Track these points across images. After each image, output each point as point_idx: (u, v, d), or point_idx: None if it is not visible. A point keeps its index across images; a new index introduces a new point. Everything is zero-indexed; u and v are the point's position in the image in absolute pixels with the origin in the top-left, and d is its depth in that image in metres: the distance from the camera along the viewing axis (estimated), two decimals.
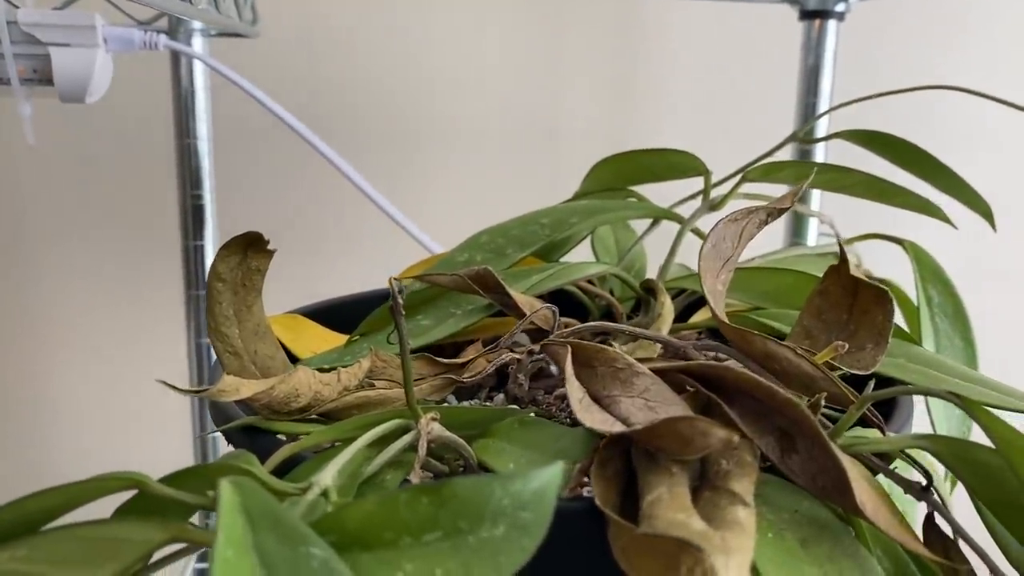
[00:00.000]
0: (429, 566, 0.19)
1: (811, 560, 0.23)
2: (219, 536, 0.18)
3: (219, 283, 0.30)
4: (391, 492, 0.20)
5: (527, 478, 0.20)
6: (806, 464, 0.24)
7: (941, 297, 0.46)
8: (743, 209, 0.32)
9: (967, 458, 0.26)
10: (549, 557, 0.26)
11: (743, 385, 0.25)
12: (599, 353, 0.28)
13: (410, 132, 0.76)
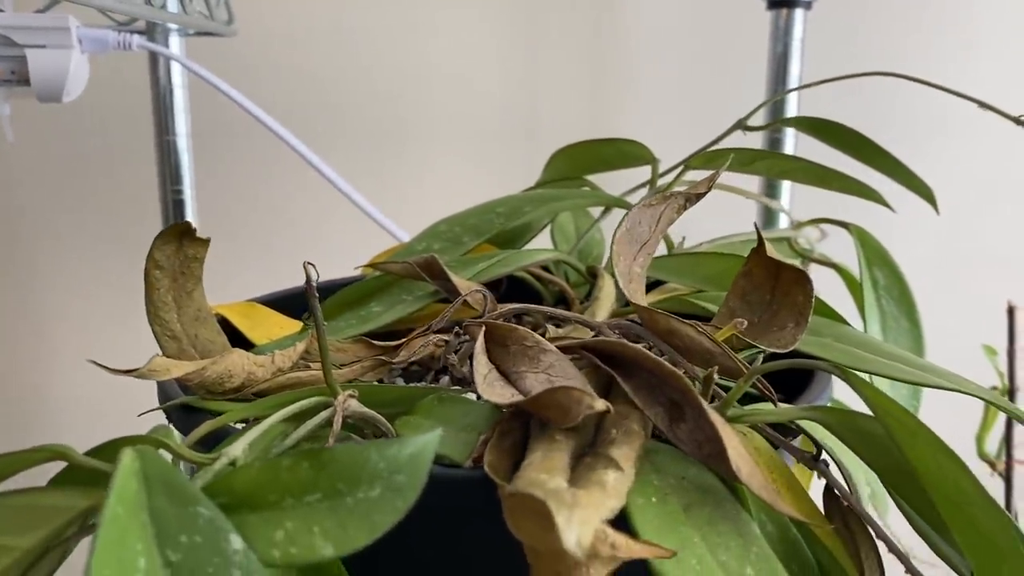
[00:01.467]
0: (308, 524, 0.21)
1: (691, 524, 0.24)
2: (110, 496, 0.20)
3: (157, 271, 0.31)
4: (275, 458, 0.21)
5: (403, 444, 0.21)
6: (692, 433, 0.26)
7: (887, 279, 0.47)
8: (659, 195, 0.33)
9: (854, 428, 0.27)
10: (450, 523, 0.27)
11: (636, 360, 0.27)
12: (512, 332, 0.29)
13: (390, 128, 0.78)
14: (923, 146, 0.81)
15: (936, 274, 0.84)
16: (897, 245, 0.48)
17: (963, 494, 0.25)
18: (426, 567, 0.28)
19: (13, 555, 0.25)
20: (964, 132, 0.80)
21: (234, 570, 0.19)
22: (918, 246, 0.83)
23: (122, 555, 0.19)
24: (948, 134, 0.80)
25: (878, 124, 0.79)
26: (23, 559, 0.25)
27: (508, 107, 0.78)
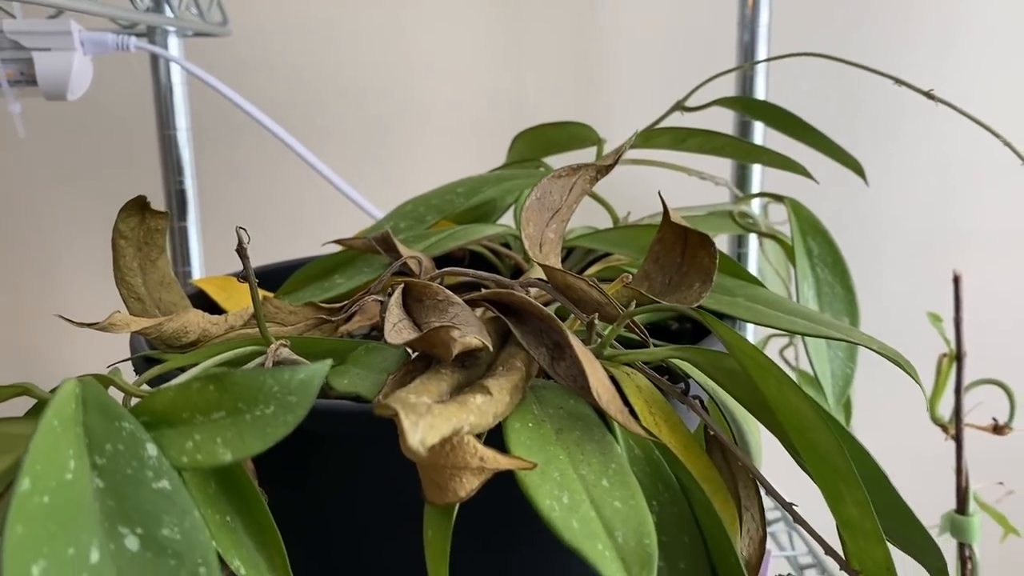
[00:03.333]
0: (213, 436, 0.25)
1: (560, 444, 0.28)
2: (48, 411, 0.24)
3: (122, 240, 0.36)
4: (188, 381, 0.25)
5: (295, 371, 0.25)
6: (569, 369, 0.29)
7: (821, 248, 0.50)
8: (570, 167, 0.37)
9: (719, 366, 0.31)
10: (360, 450, 0.31)
11: (524, 308, 0.31)
12: (426, 288, 0.33)
13: (380, 121, 0.82)
14: (898, 129, 0.84)
15: (915, 252, 0.86)
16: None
17: (805, 420, 0.28)
18: (346, 492, 0.32)
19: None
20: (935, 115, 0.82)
21: (148, 471, 0.24)
22: (901, 226, 0.86)
23: (54, 457, 0.23)
24: (923, 116, 0.83)
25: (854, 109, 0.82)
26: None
27: (496, 102, 0.82)
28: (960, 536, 0.57)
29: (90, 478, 0.23)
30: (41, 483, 0.22)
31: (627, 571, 0.25)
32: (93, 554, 0.22)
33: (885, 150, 0.84)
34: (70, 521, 0.22)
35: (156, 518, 0.23)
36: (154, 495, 0.23)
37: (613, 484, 0.27)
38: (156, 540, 0.22)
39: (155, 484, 0.23)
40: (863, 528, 0.28)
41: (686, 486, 0.29)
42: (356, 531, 0.32)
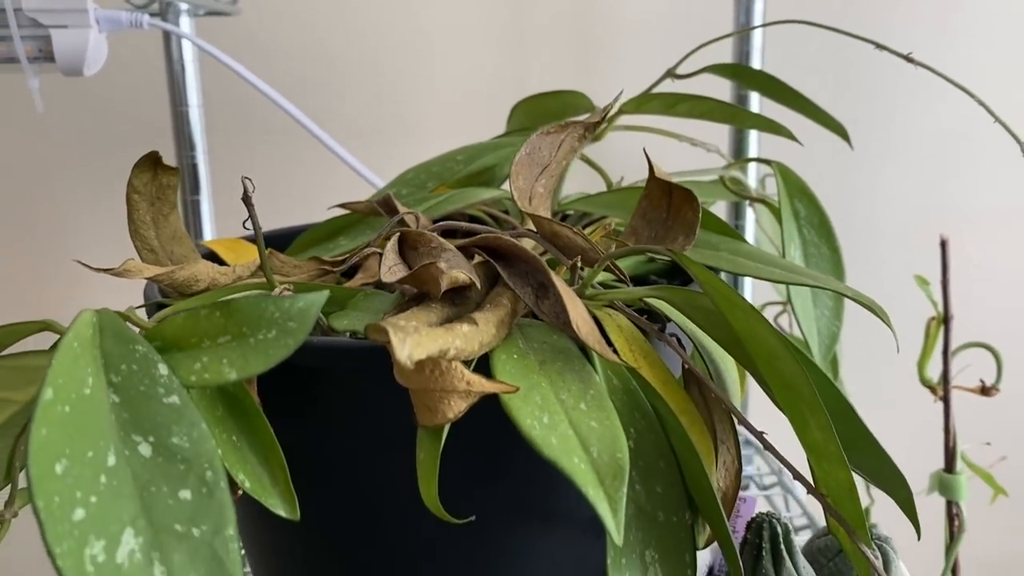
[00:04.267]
0: (219, 357, 0.27)
1: (542, 373, 0.30)
2: (68, 334, 0.26)
3: (136, 195, 0.38)
4: (195, 309, 0.27)
5: (295, 299, 0.27)
6: (553, 306, 0.31)
7: (807, 210, 0.51)
8: (558, 123, 0.39)
9: (694, 305, 0.33)
10: (358, 384, 0.33)
11: (511, 251, 0.33)
12: (420, 237, 0.35)
13: (384, 95, 0.84)
14: (895, 104, 0.85)
15: (908, 222, 0.88)
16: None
17: (772, 351, 0.30)
18: (344, 424, 0.34)
19: (13, 407, 0.32)
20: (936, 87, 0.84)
21: (159, 388, 0.26)
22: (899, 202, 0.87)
23: (74, 374, 0.25)
24: (920, 92, 0.84)
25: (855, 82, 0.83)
26: (22, 410, 0.32)
27: (499, 77, 0.84)
28: (948, 494, 0.59)
29: (106, 394, 0.25)
30: (62, 394, 0.24)
31: (601, 481, 0.27)
32: (110, 458, 0.24)
33: (881, 125, 0.85)
34: (88, 429, 0.24)
35: (167, 428, 0.25)
36: (165, 408, 0.25)
37: (590, 408, 0.29)
38: (167, 447, 0.24)
39: (166, 399, 0.25)
40: (827, 452, 0.30)
41: (662, 416, 0.31)
42: (353, 460, 0.34)
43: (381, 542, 0.36)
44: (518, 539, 0.37)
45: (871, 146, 0.86)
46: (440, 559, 0.36)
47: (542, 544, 0.37)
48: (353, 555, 0.36)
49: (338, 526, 0.36)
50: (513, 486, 0.34)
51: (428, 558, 0.36)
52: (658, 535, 0.32)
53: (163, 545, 0.23)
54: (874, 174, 0.86)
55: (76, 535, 0.22)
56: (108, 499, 0.23)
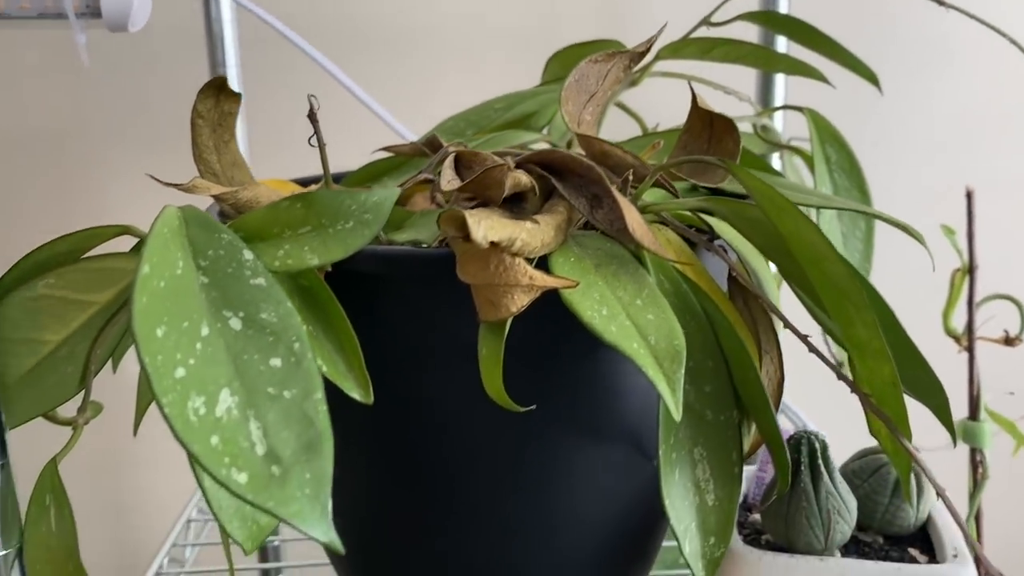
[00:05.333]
0: (300, 246, 0.28)
1: (598, 274, 0.31)
2: (156, 224, 0.28)
3: (200, 120, 0.39)
4: (277, 202, 0.29)
5: (370, 193, 0.29)
6: (607, 215, 0.33)
7: (838, 155, 0.53)
8: (605, 52, 0.40)
9: (743, 215, 0.34)
10: (422, 289, 0.35)
11: (566, 164, 0.34)
12: (475, 156, 0.37)
13: (407, 40, 0.85)
14: (925, 66, 0.86)
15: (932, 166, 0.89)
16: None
17: (820, 252, 0.31)
18: (406, 329, 0.36)
19: (94, 308, 0.33)
20: (964, 54, 0.85)
21: (246, 271, 0.27)
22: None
23: (166, 256, 0.27)
24: (948, 56, 0.85)
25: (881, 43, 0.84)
26: (103, 311, 0.34)
27: (520, 24, 0.85)
28: (971, 441, 0.60)
29: (196, 275, 0.27)
30: (157, 271, 0.26)
31: (660, 364, 0.28)
32: (203, 329, 0.25)
33: (909, 75, 0.86)
34: (183, 303, 0.26)
35: (255, 305, 0.26)
36: (252, 289, 0.27)
37: (646, 303, 0.30)
38: (256, 322, 0.26)
39: (252, 281, 0.27)
40: (871, 348, 0.31)
41: (712, 317, 0.33)
42: (408, 365, 0.36)
43: (434, 445, 0.37)
44: (567, 452, 0.38)
45: (897, 97, 0.87)
46: (490, 466, 0.38)
47: (589, 458, 0.38)
48: (406, 459, 0.38)
49: (392, 431, 0.37)
50: (562, 402, 0.35)
51: (478, 465, 0.38)
52: (706, 433, 0.33)
53: (257, 405, 0.24)
54: (900, 123, 0.87)
55: (179, 390, 0.23)
56: (204, 363, 0.24)
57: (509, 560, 0.41)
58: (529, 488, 0.39)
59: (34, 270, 0.34)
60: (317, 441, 0.24)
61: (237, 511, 0.27)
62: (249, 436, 0.23)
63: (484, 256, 0.30)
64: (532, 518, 0.39)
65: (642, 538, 0.44)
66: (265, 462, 0.23)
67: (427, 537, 0.40)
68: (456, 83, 0.86)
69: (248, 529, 0.27)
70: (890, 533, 0.43)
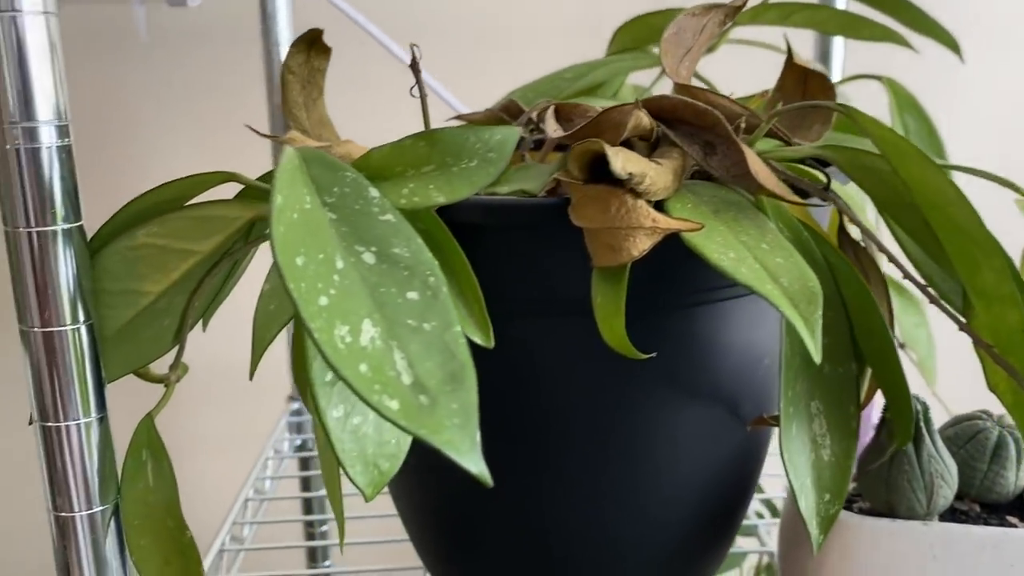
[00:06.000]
0: (425, 184, 0.28)
1: (719, 219, 0.31)
2: (281, 162, 0.27)
3: (290, 75, 0.39)
4: (400, 140, 0.28)
5: (493, 131, 0.28)
6: (722, 161, 0.32)
7: (916, 123, 0.52)
8: (703, 5, 0.39)
9: (859, 164, 0.33)
10: (529, 238, 0.34)
11: (677, 109, 0.33)
12: (575, 107, 0.36)
13: (456, 19, 0.84)
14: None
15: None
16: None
17: (944, 197, 0.30)
18: (513, 272, 0.35)
19: (196, 257, 0.33)
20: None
21: (373, 207, 0.27)
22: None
23: (294, 191, 0.26)
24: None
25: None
26: (204, 261, 0.33)
27: (574, 13, 0.84)
28: None
29: (323, 211, 0.26)
30: (289, 204, 0.25)
31: (795, 306, 0.27)
32: (338, 262, 0.25)
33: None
34: (316, 235, 0.25)
35: (386, 240, 0.26)
36: (381, 224, 0.26)
37: (772, 247, 0.30)
38: (389, 256, 0.25)
39: (380, 217, 0.26)
40: (999, 294, 0.30)
41: (832, 265, 0.32)
42: (514, 316, 0.35)
43: (530, 402, 0.36)
44: (662, 412, 0.37)
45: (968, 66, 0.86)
46: (586, 424, 0.37)
47: (684, 420, 0.38)
48: (500, 415, 0.37)
49: (487, 386, 0.36)
50: (659, 361, 0.34)
51: (575, 423, 0.37)
52: (823, 387, 0.32)
53: (399, 336, 0.24)
54: (967, 86, 0.86)
55: (324, 317, 0.23)
56: (344, 294, 0.24)
57: (600, 527, 0.40)
58: (622, 447, 0.38)
59: (134, 219, 0.33)
60: (461, 373, 0.23)
61: (359, 456, 0.26)
62: (395, 366, 0.23)
63: (605, 198, 0.29)
64: (623, 479, 0.39)
65: (730, 508, 0.43)
66: (413, 391, 0.22)
67: (518, 499, 0.39)
68: (504, 63, 0.86)
69: (370, 475, 0.26)
70: (987, 501, 0.42)
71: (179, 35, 0.82)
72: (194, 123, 0.85)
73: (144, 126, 0.85)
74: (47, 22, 0.31)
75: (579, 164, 0.29)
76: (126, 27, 0.74)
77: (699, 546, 0.43)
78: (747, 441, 0.41)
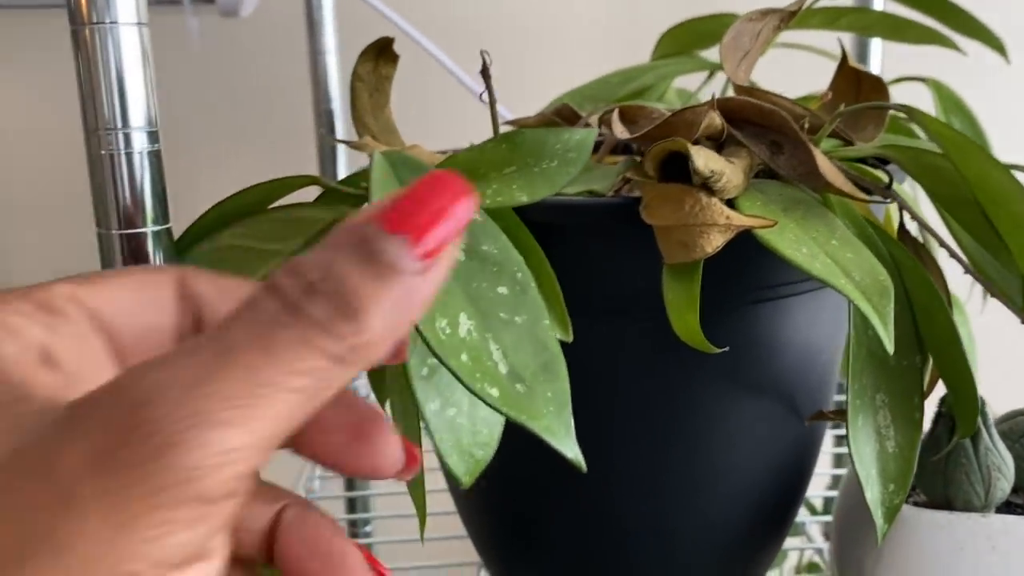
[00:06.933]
0: (508, 184, 0.29)
1: (788, 217, 0.32)
2: (373, 166, 0.28)
3: (359, 83, 0.40)
4: (481, 144, 0.29)
5: (572, 132, 0.29)
6: (789, 160, 0.33)
7: (963, 124, 0.53)
8: (759, 11, 0.40)
9: (921, 163, 0.34)
10: (599, 237, 0.35)
11: (746, 111, 0.34)
12: (640, 109, 0.37)
13: (499, 25, 0.85)
14: None
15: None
16: None
17: (1008, 194, 0.31)
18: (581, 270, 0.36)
19: (279, 258, 0.34)
20: None
21: None
22: None
23: (387, 189, 0.27)
24: None
25: None
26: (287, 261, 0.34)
27: (610, 22, 0.85)
28: None
29: None
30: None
31: (868, 300, 0.28)
32: None
33: None
34: None
35: (475, 238, 0.27)
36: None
37: (842, 243, 0.31)
38: (478, 253, 0.26)
39: None
40: None
41: (897, 260, 0.33)
42: (583, 312, 0.36)
43: (601, 397, 0.37)
44: (723, 408, 0.38)
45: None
46: (648, 419, 0.38)
47: (744, 415, 0.39)
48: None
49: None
50: (722, 356, 0.35)
51: (636, 417, 0.38)
52: (889, 378, 0.33)
53: (493, 329, 0.25)
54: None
55: (426, 311, 0.24)
56: (442, 289, 0.25)
57: (655, 519, 0.41)
58: (682, 443, 0.39)
59: (218, 221, 0.35)
60: (553, 363, 0.24)
61: (455, 445, 0.27)
62: (491, 356, 0.24)
63: (679, 196, 0.30)
64: (682, 475, 0.40)
65: (784, 504, 0.44)
66: (510, 380, 0.24)
67: (581, 495, 0.40)
68: (540, 70, 0.87)
69: (466, 463, 0.28)
70: None
71: (229, 44, 0.83)
72: (242, 129, 0.87)
73: (193, 132, 0.87)
74: (140, 32, 0.32)
75: (655, 163, 0.30)
76: (178, 36, 0.75)
77: (754, 540, 0.43)
78: (803, 437, 0.42)
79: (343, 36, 0.74)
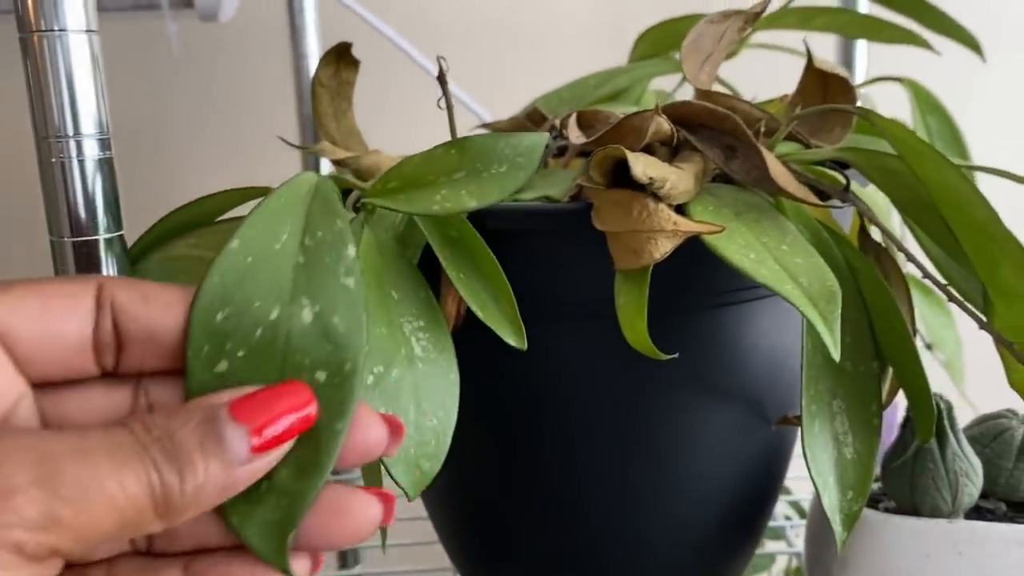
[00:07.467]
0: (457, 190, 0.29)
1: (740, 221, 0.31)
2: (281, 188, 0.26)
3: (320, 88, 0.40)
4: (431, 149, 0.29)
5: (521, 137, 0.29)
6: (743, 164, 0.33)
7: (939, 124, 0.52)
8: (722, 12, 0.40)
9: (879, 166, 0.34)
10: (553, 243, 0.35)
11: (697, 114, 0.34)
12: (596, 113, 0.37)
13: (479, 27, 0.85)
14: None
15: None
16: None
17: (962, 196, 0.31)
18: (537, 276, 0.35)
19: None
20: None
21: (341, 267, 0.25)
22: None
23: (270, 228, 0.25)
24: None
25: None
26: None
27: (594, 22, 0.85)
28: None
29: (296, 253, 0.25)
30: (248, 246, 0.25)
31: (814, 305, 0.28)
32: (273, 312, 0.24)
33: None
34: (264, 282, 0.25)
35: (333, 305, 0.25)
36: (338, 287, 0.25)
37: (792, 248, 0.30)
38: (325, 323, 0.24)
39: (342, 279, 0.25)
40: (1019, 291, 0.30)
41: (853, 265, 0.32)
42: (537, 319, 0.36)
43: (561, 401, 0.37)
44: (687, 413, 0.38)
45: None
46: (610, 425, 0.38)
47: (708, 420, 0.38)
48: (524, 416, 0.38)
49: (512, 387, 0.37)
50: (684, 360, 0.35)
51: (598, 423, 0.38)
52: (846, 385, 0.33)
53: None
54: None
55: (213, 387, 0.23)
56: (255, 356, 0.24)
57: (624, 525, 0.41)
58: (647, 448, 0.39)
59: (172, 231, 0.35)
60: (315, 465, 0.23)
61: (402, 455, 0.27)
62: None
63: (627, 202, 0.30)
64: (649, 480, 0.39)
65: (755, 509, 0.43)
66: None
67: (545, 500, 0.40)
68: (525, 71, 0.87)
69: (412, 475, 0.27)
70: (1013, 499, 0.42)
71: (210, 49, 0.83)
72: (224, 135, 0.86)
73: (175, 138, 0.87)
74: (90, 40, 0.32)
75: (601, 170, 0.29)
76: (158, 41, 0.75)
77: (725, 545, 0.43)
78: (772, 442, 0.41)
79: (326, 41, 0.74)
